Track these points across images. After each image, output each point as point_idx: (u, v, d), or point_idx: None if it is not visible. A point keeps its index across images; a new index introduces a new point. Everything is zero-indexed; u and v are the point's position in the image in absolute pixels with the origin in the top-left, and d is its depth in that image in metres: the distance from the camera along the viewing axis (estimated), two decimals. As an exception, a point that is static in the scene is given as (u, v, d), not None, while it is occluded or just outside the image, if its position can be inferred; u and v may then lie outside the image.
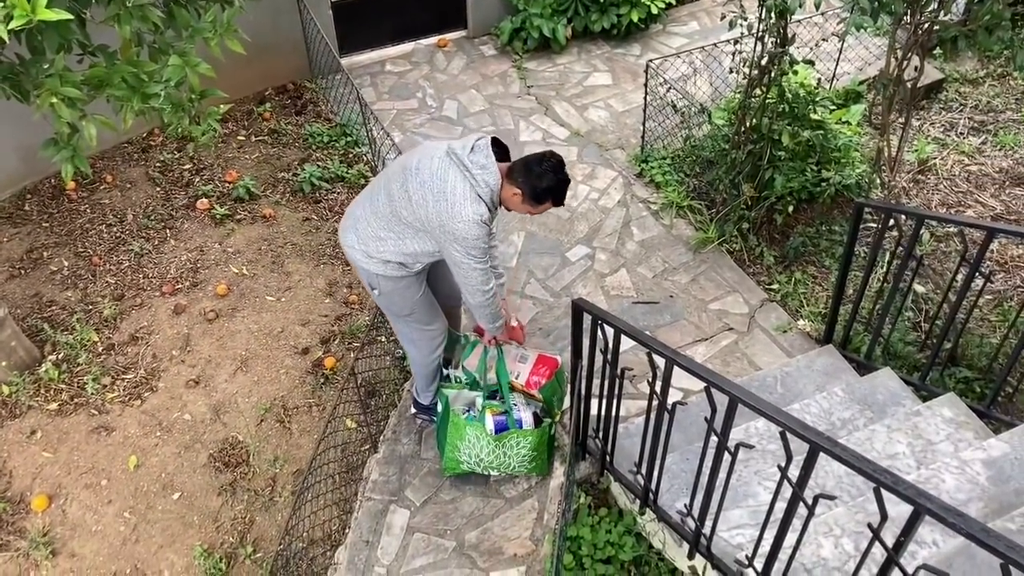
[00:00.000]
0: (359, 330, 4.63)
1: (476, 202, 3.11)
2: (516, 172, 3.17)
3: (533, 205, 3.24)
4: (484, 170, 3.13)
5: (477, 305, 3.45)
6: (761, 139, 4.67)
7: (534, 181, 3.16)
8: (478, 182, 3.12)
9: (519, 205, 3.26)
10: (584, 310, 3.31)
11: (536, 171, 3.15)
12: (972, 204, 5.18)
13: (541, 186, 3.17)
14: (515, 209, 3.31)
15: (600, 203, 5.37)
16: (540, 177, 3.16)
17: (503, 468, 3.75)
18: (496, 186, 3.15)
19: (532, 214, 3.34)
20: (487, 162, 3.13)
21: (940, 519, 1.84)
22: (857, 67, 6.04)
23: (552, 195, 3.21)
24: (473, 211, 3.10)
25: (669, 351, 2.88)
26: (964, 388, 3.97)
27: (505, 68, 6.51)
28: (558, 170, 3.18)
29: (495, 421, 3.72)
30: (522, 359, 3.93)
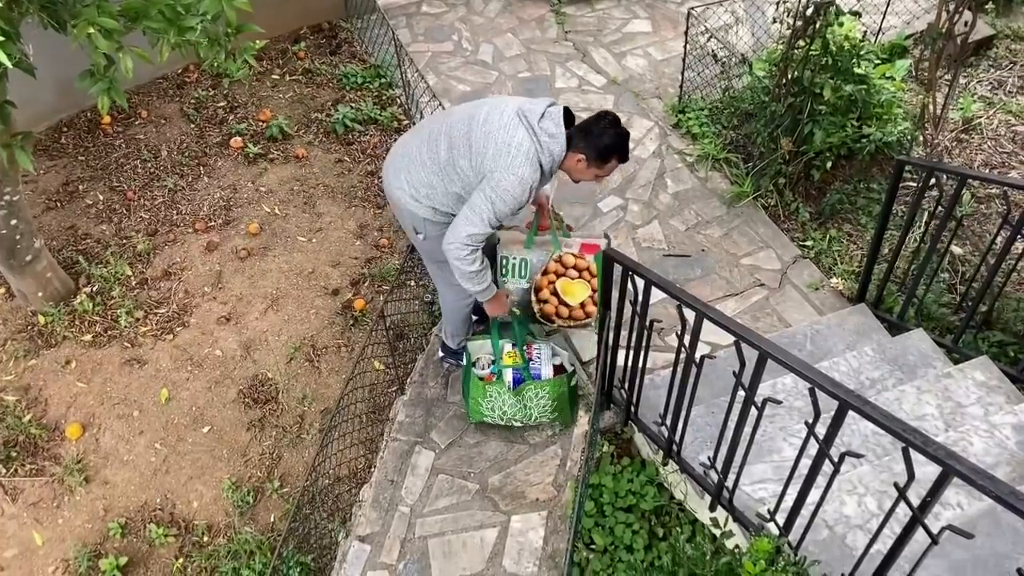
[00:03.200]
0: (389, 273, 4.64)
1: (535, 166, 3.11)
2: (576, 139, 3.16)
3: (599, 166, 3.22)
4: (552, 139, 3.12)
5: (459, 267, 3.28)
6: (802, 92, 4.57)
7: (595, 141, 3.15)
8: (543, 149, 3.12)
9: (585, 171, 3.24)
10: (615, 260, 3.30)
11: (595, 131, 3.15)
12: (1017, 165, 5.05)
13: (603, 144, 3.15)
14: (582, 176, 3.29)
15: (635, 153, 5.30)
16: (600, 136, 3.15)
17: (526, 419, 3.78)
18: (560, 156, 3.16)
19: (599, 178, 3.30)
20: (556, 131, 3.11)
21: (969, 480, 1.83)
22: (904, 20, 5.86)
23: (616, 151, 3.19)
24: (529, 172, 3.09)
25: (700, 304, 2.86)
26: (998, 352, 3.92)
27: (543, 12, 6.40)
28: (616, 125, 3.17)
29: (513, 375, 3.74)
30: (567, 245, 3.81)
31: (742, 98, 5.27)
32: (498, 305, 3.58)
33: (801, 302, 4.45)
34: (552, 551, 3.49)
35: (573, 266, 3.73)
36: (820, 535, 2.86)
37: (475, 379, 3.75)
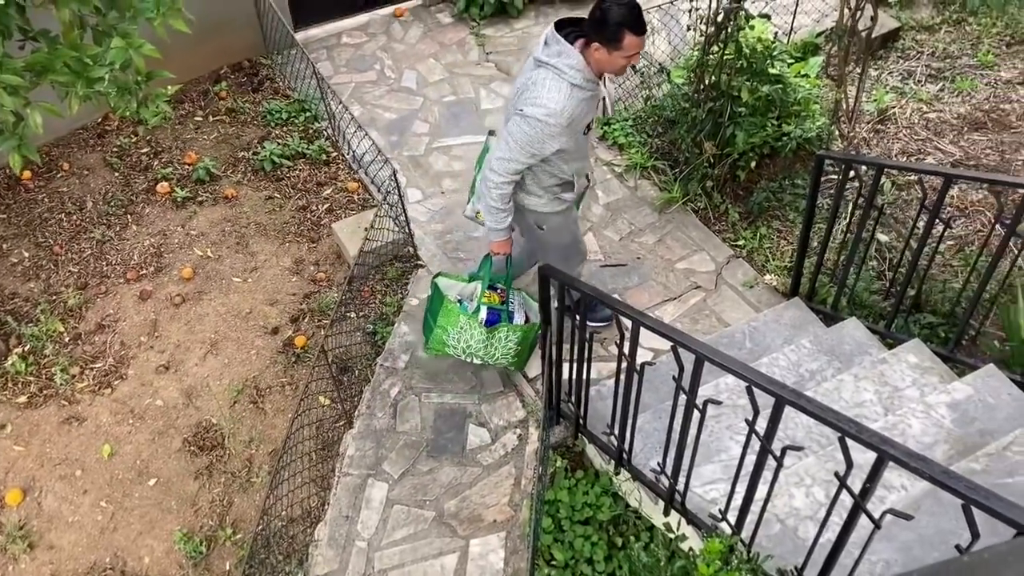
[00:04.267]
0: (328, 307, 4.60)
1: (568, 92, 3.12)
2: (587, 32, 3.11)
3: (617, 47, 3.07)
4: (561, 56, 3.11)
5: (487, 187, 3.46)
6: (721, 96, 4.67)
7: (601, 25, 3.05)
8: (563, 70, 3.11)
9: (610, 60, 3.13)
10: (551, 276, 3.32)
11: (598, 15, 3.05)
12: (932, 151, 5.22)
13: (610, 22, 3.02)
14: (612, 69, 3.19)
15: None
16: (605, 14, 3.03)
17: (488, 358, 3.92)
18: (580, 63, 3.11)
19: (628, 63, 3.17)
20: (561, 47, 3.11)
21: (903, 464, 1.88)
22: (814, 19, 6.04)
23: (626, 25, 3.03)
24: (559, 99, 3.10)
25: (635, 312, 2.90)
26: (929, 333, 4.03)
27: (463, 35, 6.44)
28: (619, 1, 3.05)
29: (489, 314, 3.87)
30: None
31: (664, 106, 5.37)
32: (504, 246, 3.71)
33: (738, 301, 4.53)
34: (513, 571, 3.48)
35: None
36: (772, 530, 2.90)
37: (448, 304, 3.84)
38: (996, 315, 4.11)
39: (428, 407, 4.11)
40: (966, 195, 4.92)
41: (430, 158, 5.46)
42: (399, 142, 5.57)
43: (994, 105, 5.47)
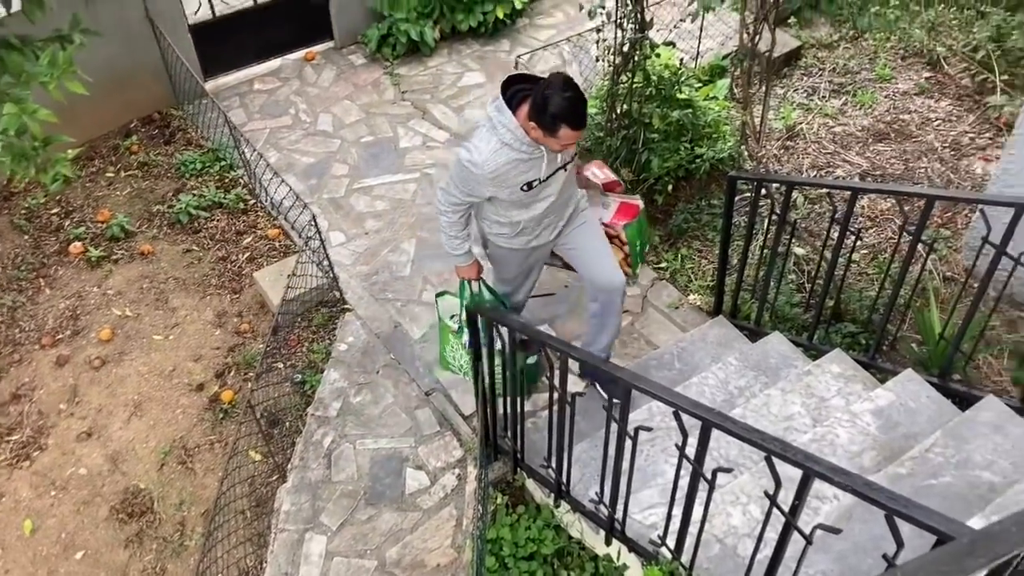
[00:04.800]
0: (254, 359, 4.51)
1: (496, 148, 3.14)
2: (530, 105, 3.06)
3: (551, 134, 3.06)
4: (499, 112, 3.11)
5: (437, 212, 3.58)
6: (633, 123, 4.76)
7: (539, 108, 3.01)
8: (496, 126, 3.13)
9: (542, 139, 3.12)
10: (479, 313, 3.32)
11: (539, 98, 3.00)
12: (840, 164, 5.39)
13: (549, 111, 3.00)
14: (549, 145, 3.15)
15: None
16: (546, 102, 2.99)
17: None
18: (513, 125, 3.10)
19: (562, 149, 3.18)
20: (498, 104, 3.12)
21: (827, 479, 1.91)
22: (719, 42, 6.20)
23: (564, 119, 3.00)
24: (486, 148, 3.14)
25: (561, 344, 2.91)
26: (850, 342, 4.14)
27: (377, 76, 6.44)
28: (565, 88, 2.99)
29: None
30: (604, 206, 4.04)
31: (580, 135, 5.43)
32: (467, 271, 3.74)
33: (664, 322, 4.59)
34: (460, 615, 3.43)
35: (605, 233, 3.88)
36: (712, 551, 2.92)
37: (445, 328, 3.96)
38: (912, 319, 4.25)
39: (363, 454, 4.05)
40: (876, 204, 5.08)
41: (351, 200, 5.42)
42: (318, 185, 5.53)
43: (895, 116, 5.68)
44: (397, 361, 4.45)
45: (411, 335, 4.57)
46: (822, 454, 3.23)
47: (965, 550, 1.19)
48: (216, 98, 5.40)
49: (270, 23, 6.39)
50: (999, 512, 2.76)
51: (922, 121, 5.62)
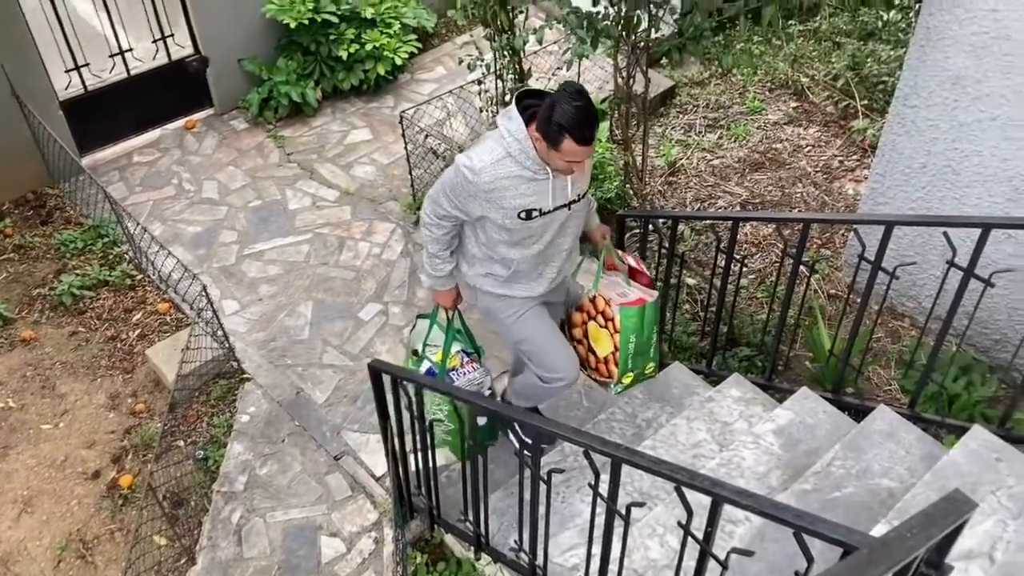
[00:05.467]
0: (152, 439, 4.33)
1: (499, 157, 2.88)
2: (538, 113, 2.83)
3: (555, 148, 2.80)
4: (509, 120, 2.86)
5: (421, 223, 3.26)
6: (522, 169, 4.83)
7: (545, 120, 2.77)
8: (503, 134, 2.87)
9: (546, 154, 2.87)
10: (381, 371, 3.28)
11: (547, 104, 2.77)
12: (721, 194, 5.61)
13: (553, 119, 2.74)
14: (553, 164, 2.89)
15: (384, 257, 5.35)
16: (551, 110, 2.74)
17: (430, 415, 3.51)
18: (521, 133, 2.85)
19: (566, 167, 2.88)
20: (511, 112, 2.87)
21: (735, 503, 1.95)
22: (597, 87, 6.39)
23: (568, 130, 2.74)
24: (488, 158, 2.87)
25: (465, 394, 2.91)
26: (747, 366, 4.26)
27: (260, 139, 6.37)
28: (575, 97, 2.74)
29: (428, 369, 3.61)
30: (621, 294, 3.51)
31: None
32: (443, 297, 3.47)
33: (570, 363, 4.63)
34: None
35: (601, 312, 3.49)
36: (634, 586, 2.94)
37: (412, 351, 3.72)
38: (803, 338, 4.42)
39: (275, 527, 3.92)
40: (758, 231, 5.29)
41: (243, 266, 5.31)
42: (207, 255, 5.40)
43: (768, 146, 5.95)
44: (302, 428, 4.35)
45: (315, 399, 4.48)
46: (730, 477, 3.31)
47: (866, 560, 1.23)
48: (94, 173, 5.24)
49: (146, 94, 6.25)
50: (900, 516, 2.87)
51: (794, 148, 5.90)
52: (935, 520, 1.38)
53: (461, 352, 3.66)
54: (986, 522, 2.84)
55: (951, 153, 4.04)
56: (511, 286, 3.25)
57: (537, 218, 3.02)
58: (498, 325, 3.44)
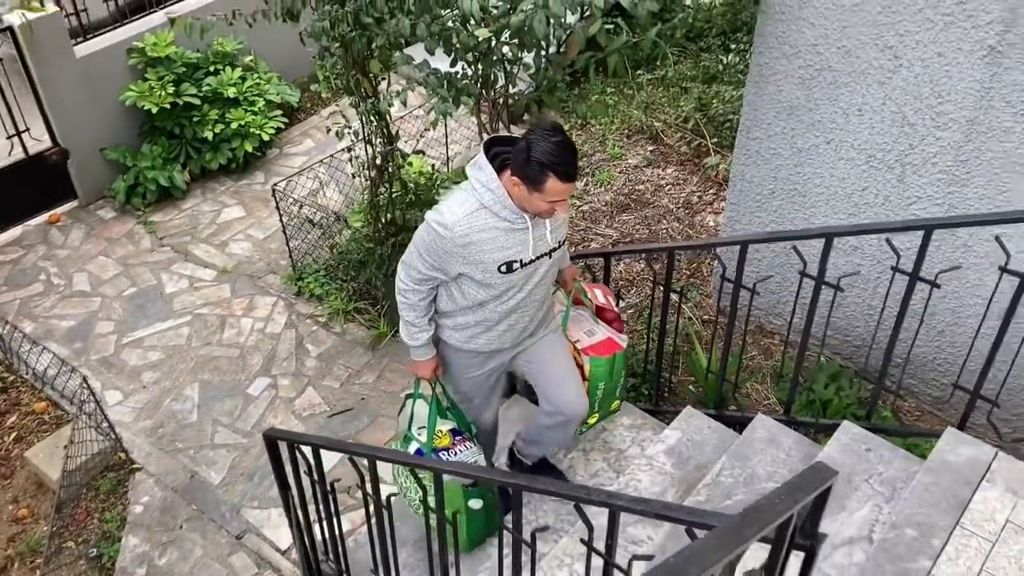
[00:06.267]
0: (39, 544, 4.13)
1: (472, 210, 2.73)
2: (513, 155, 2.69)
3: (537, 190, 2.66)
4: (479, 170, 2.74)
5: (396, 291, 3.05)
6: (400, 230, 4.94)
7: (524, 160, 2.63)
8: (475, 186, 2.74)
9: (527, 199, 2.70)
10: (277, 439, 3.27)
11: (523, 146, 2.64)
12: (594, 237, 5.85)
13: (533, 158, 2.60)
14: (532, 209, 2.74)
15: (268, 331, 5.32)
16: (530, 148, 2.61)
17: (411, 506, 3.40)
18: (494, 184, 2.71)
19: (550, 209, 2.72)
20: (480, 162, 2.75)
21: (629, 510, 2.07)
22: (465, 146, 6.60)
23: (551, 167, 2.60)
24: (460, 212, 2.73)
25: (367, 448, 2.94)
26: (635, 395, 4.44)
27: (130, 227, 6.26)
28: (552, 133, 2.64)
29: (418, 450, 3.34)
30: (589, 333, 3.44)
31: (350, 250, 5.55)
32: (425, 369, 3.20)
33: (466, 414, 4.70)
34: None
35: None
36: (549, 617, 3.00)
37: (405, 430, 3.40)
38: (683, 363, 4.64)
39: (180, 615, 3.80)
40: (631, 267, 5.54)
41: (123, 355, 5.18)
42: (84, 347, 5.24)
43: (632, 188, 6.26)
44: (200, 511, 4.25)
45: (210, 481, 4.39)
46: (630, 501, 3.43)
47: (740, 523, 1.35)
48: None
49: (2, 191, 6.06)
50: (787, 514, 3.05)
51: (655, 188, 6.23)
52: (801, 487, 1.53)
53: (451, 431, 3.39)
54: (863, 508, 3.05)
55: (795, 177, 4.37)
56: (476, 339, 3.09)
57: (518, 270, 2.87)
58: (448, 376, 3.30)
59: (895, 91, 3.83)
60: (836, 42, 3.90)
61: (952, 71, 3.65)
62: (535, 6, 3.06)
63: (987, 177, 3.78)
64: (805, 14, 3.93)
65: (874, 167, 4.08)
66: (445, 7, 3.30)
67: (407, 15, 3.28)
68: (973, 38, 3.55)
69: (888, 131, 3.95)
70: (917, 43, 3.67)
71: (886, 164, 4.05)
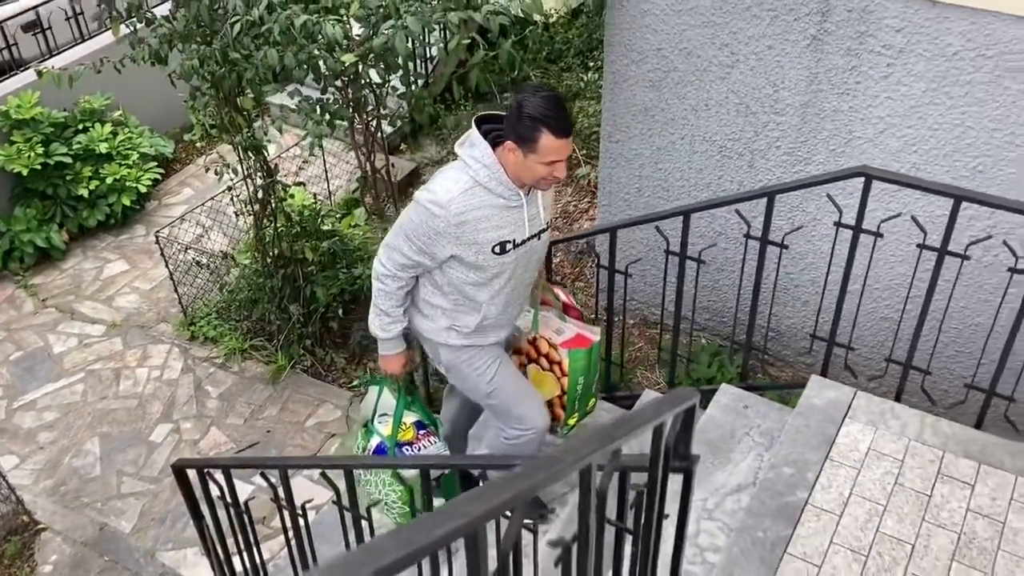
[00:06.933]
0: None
1: (466, 186, 2.65)
2: (504, 129, 2.65)
3: (531, 150, 2.59)
4: (472, 146, 2.67)
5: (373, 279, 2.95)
6: (289, 262, 5.03)
7: (515, 119, 2.58)
8: (468, 162, 2.65)
9: (523, 165, 2.63)
10: (185, 467, 3.31)
11: (513, 107, 2.61)
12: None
13: (524, 114, 2.56)
14: (529, 177, 2.67)
15: (165, 378, 5.30)
16: (520, 106, 2.57)
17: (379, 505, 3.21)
18: (489, 159, 2.63)
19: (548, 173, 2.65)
20: (472, 138, 2.67)
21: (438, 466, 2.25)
22: (346, 180, 6.74)
23: (543, 121, 2.56)
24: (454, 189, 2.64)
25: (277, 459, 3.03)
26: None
27: (10, 292, 6.11)
28: (539, 89, 2.63)
29: (379, 445, 3.19)
30: (558, 331, 3.36)
31: (241, 288, 5.59)
32: (394, 364, 3.06)
33: (373, 433, 4.81)
34: None
35: (545, 355, 3.31)
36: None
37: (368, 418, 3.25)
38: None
39: (102, 664, 3.76)
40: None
41: (15, 420, 5.06)
42: (-27, 417, 5.10)
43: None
44: (113, 561, 4.21)
45: (121, 530, 4.35)
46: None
47: (612, 428, 1.53)
48: None
49: None
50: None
51: (534, 202, 6.50)
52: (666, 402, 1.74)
53: (415, 424, 3.24)
54: (747, 459, 3.32)
55: (657, 174, 4.70)
56: (475, 336, 2.96)
57: (511, 251, 2.79)
58: (463, 381, 3.13)
59: (736, 84, 4.20)
60: (678, 45, 4.25)
61: (783, 61, 4.04)
62: (394, 27, 3.26)
63: (825, 154, 4.18)
64: (647, 21, 4.27)
65: (726, 156, 4.44)
66: (309, 37, 3.46)
67: (274, 47, 3.43)
68: (797, 29, 3.95)
69: (734, 122, 4.31)
70: (749, 38, 4.04)
71: (736, 152, 4.42)
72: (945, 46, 3.61)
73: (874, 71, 3.85)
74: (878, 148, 4.00)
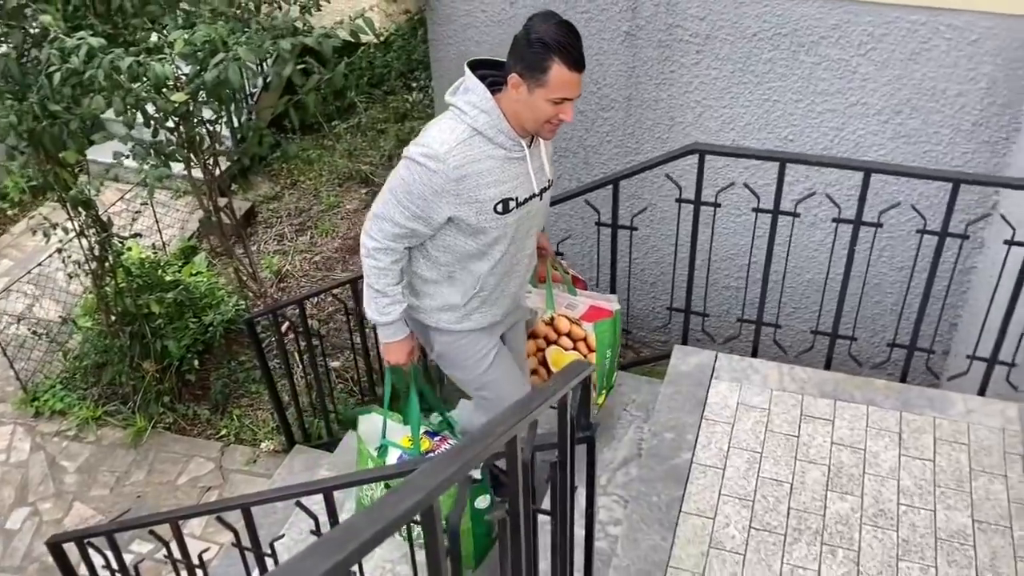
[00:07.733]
0: None
1: (464, 136, 2.38)
2: (508, 63, 2.37)
3: (539, 84, 2.31)
4: (467, 92, 2.39)
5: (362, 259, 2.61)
6: (135, 319, 4.82)
7: (523, 46, 2.31)
8: (463, 109, 2.38)
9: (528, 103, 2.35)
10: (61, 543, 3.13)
11: (520, 34, 2.34)
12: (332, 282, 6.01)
13: (533, 39, 2.28)
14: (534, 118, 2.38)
15: (12, 461, 4.93)
16: (527, 32, 2.31)
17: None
18: (488, 104, 2.37)
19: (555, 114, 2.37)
20: (468, 83, 2.40)
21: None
22: (179, 229, 6.51)
23: (553, 49, 2.28)
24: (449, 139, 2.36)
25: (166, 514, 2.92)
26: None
27: None
28: (550, 15, 2.35)
29: (400, 458, 2.93)
30: (570, 306, 3.17)
31: (87, 352, 5.28)
32: (398, 353, 2.72)
33: (250, 479, 4.67)
34: None
35: (567, 333, 3.12)
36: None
37: (365, 455, 2.96)
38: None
39: None
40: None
41: None
42: None
43: (356, 231, 6.49)
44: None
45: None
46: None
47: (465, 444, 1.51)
48: None
49: None
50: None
51: (378, 226, 6.51)
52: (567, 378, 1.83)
53: (427, 434, 3.00)
54: (628, 432, 3.49)
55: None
56: (471, 316, 2.71)
57: (513, 210, 2.53)
58: (459, 370, 2.89)
59: (562, 85, 4.40)
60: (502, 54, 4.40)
61: (603, 59, 4.28)
62: (225, 60, 3.22)
63: (652, 143, 4.46)
64: (470, 34, 4.41)
65: (562, 156, 4.63)
66: (134, 80, 3.36)
67: (99, 93, 3.31)
68: (612, 28, 4.19)
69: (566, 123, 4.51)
70: (568, 40, 4.26)
71: (571, 151, 4.63)
72: (745, 28, 3.94)
73: (685, 59, 4.15)
74: (699, 130, 4.30)
